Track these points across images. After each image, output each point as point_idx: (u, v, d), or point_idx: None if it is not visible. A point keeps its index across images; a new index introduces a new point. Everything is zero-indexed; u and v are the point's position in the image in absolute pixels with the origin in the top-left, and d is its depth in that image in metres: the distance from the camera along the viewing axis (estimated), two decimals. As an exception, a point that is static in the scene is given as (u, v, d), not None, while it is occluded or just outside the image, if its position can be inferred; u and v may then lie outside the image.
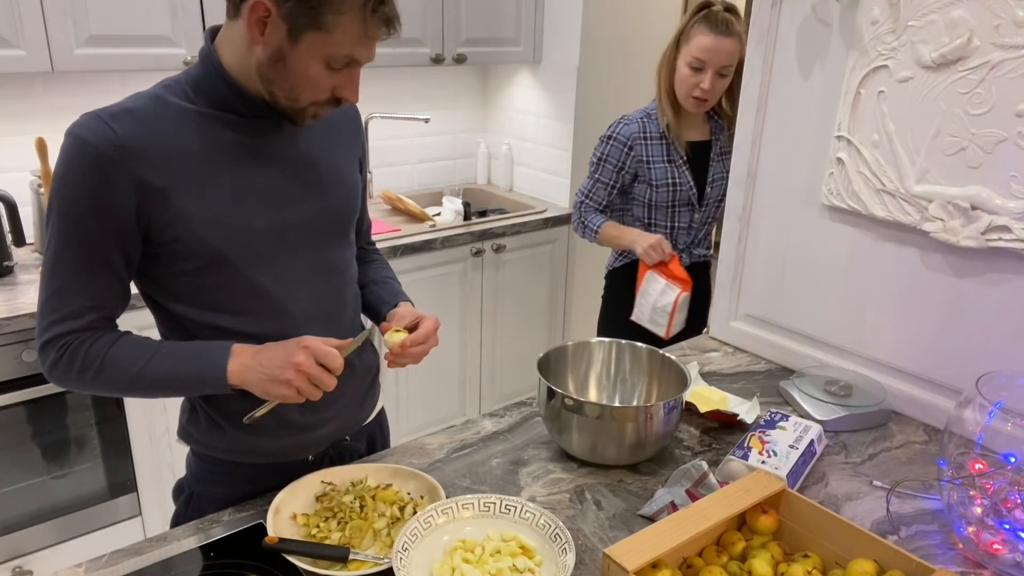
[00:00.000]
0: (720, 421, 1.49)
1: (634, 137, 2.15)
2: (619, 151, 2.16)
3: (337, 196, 1.19)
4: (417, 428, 2.91)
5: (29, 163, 2.33)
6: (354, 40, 1.00)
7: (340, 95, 1.07)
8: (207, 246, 1.06)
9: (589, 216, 2.25)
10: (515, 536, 1.09)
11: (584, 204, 2.26)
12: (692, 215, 2.21)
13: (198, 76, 1.07)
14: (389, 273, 1.40)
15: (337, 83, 1.05)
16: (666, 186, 2.16)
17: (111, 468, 2.17)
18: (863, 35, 1.48)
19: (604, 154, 2.19)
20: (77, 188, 1.01)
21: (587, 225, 2.25)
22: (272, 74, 1.03)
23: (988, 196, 1.35)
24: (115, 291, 1.09)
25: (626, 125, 2.17)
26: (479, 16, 2.90)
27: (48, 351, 1.07)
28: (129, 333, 1.12)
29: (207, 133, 1.06)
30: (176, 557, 1.09)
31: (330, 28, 0.98)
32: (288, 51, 1.00)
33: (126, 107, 1.03)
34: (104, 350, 1.07)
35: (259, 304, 1.13)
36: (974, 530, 1.12)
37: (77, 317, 1.06)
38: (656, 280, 2.13)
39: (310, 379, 1.05)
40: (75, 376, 1.08)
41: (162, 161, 1.03)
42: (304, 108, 1.07)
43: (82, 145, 1.00)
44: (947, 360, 1.49)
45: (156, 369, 1.08)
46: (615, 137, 2.17)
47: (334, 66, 1.02)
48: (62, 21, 2.05)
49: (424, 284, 2.76)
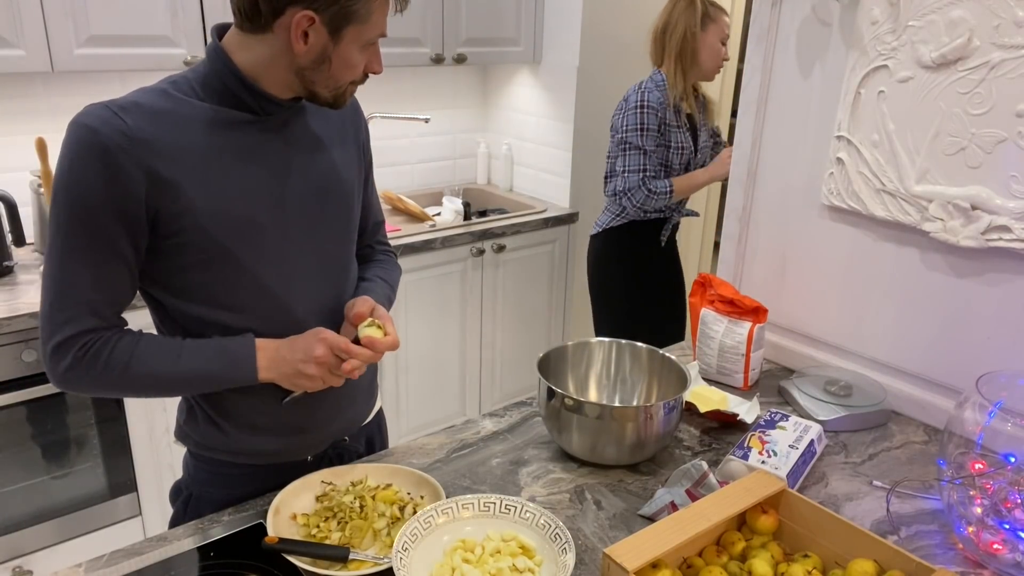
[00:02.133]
0: (720, 421, 1.49)
1: (661, 103, 2.39)
2: (654, 115, 2.37)
3: (339, 193, 1.20)
4: (417, 428, 2.91)
5: (29, 163, 2.33)
6: (384, 18, 1.07)
7: (370, 70, 1.12)
8: (212, 240, 1.06)
9: (654, 184, 2.40)
10: (515, 536, 1.09)
11: (643, 179, 2.40)
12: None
13: (206, 73, 1.07)
14: (383, 273, 1.36)
15: (367, 60, 1.10)
16: (679, 149, 2.44)
17: (111, 468, 2.17)
18: (863, 35, 1.48)
19: (642, 123, 2.37)
20: (86, 177, 0.99)
21: (656, 192, 2.40)
22: (315, 75, 1.07)
23: (988, 196, 1.35)
24: (126, 283, 1.07)
25: (650, 92, 2.38)
26: (479, 16, 2.90)
27: (63, 354, 1.04)
28: (145, 332, 1.11)
29: (214, 129, 1.06)
30: (176, 557, 1.09)
31: (365, 17, 1.04)
32: (332, 50, 1.05)
33: (134, 100, 1.03)
34: (131, 349, 1.07)
35: (260, 300, 1.13)
36: (974, 530, 1.12)
37: (91, 315, 1.05)
38: (715, 318, 1.66)
39: (331, 369, 1.11)
40: (96, 376, 1.06)
41: (170, 154, 1.02)
42: (342, 93, 1.11)
43: (91, 134, 0.98)
44: (947, 360, 1.49)
45: (186, 366, 1.08)
46: (647, 104, 2.37)
47: (367, 46, 1.08)
48: (62, 21, 2.05)
49: (424, 284, 2.76)
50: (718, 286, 1.67)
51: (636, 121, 2.38)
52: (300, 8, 0.99)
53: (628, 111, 2.39)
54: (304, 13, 1.00)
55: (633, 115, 2.38)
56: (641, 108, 2.37)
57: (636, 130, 2.38)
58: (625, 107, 2.42)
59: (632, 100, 2.40)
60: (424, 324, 2.82)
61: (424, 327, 2.82)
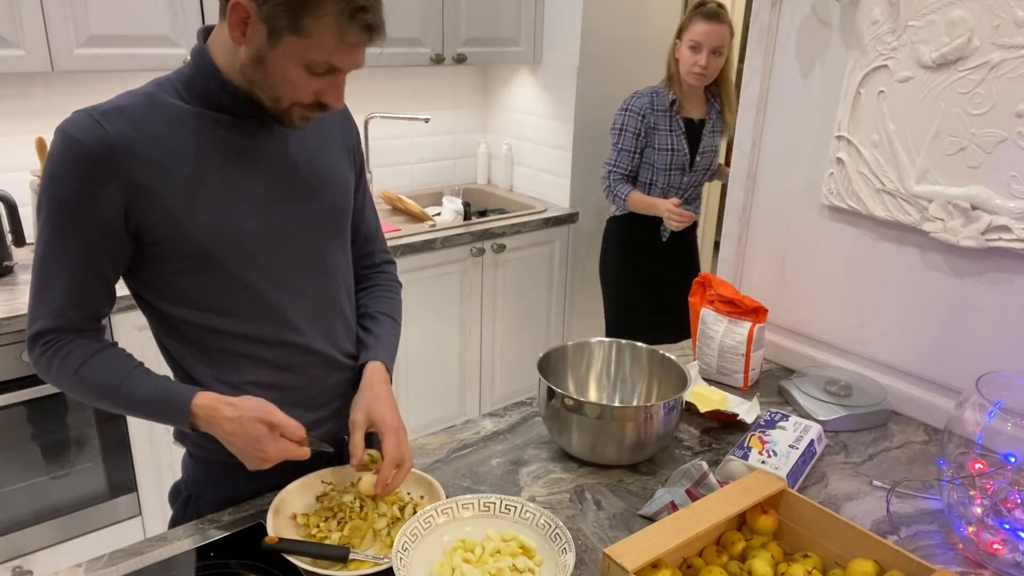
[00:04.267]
0: (720, 421, 1.49)
1: (645, 107, 2.61)
2: (635, 119, 2.61)
3: (329, 196, 1.18)
4: (417, 428, 2.91)
5: (29, 163, 2.33)
6: (332, 46, 0.98)
7: (323, 100, 1.05)
8: (197, 246, 1.06)
9: (618, 186, 2.66)
10: (515, 536, 1.09)
11: (612, 174, 2.67)
12: (683, 178, 2.69)
13: (190, 75, 1.07)
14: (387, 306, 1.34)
15: (320, 88, 1.03)
16: (666, 150, 2.63)
17: (111, 468, 2.17)
18: (863, 35, 1.48)
19: (623, 124, 2.63)
20: (65, 187, 1.00)
21: (616, 193, 2.66)
22: (254, 75, 1.02)
23: (988, 196, 1.35)
24: (98, 293, 1.08)
25: (638, 98, 2.63)
26: (479, 16, 2.90)
27: (34, 345, 1.08)
28: (114, 346, 1.11)
29: (198, 132, 1.06)
30: (176, 557, 1.09)
31: (308, 32, 0.96)
32: (267, 53, 0.99)
33: (117, 105, 1.03)
34: (84, 359, 1.07)
35: (250, 305, 1.12)
36: (974, 530, 1.12)
37: (60, 315, 1.06)
38: (715, 318, 1.66)
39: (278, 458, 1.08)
40: (53, 374, 1.09)
41: (152, 160, 1.02)
42: (288, 110, 1.05)
43: (72, 143, 0.99)
44: (947, 360, 1.49)
45: (126, 392, 1.08)
46: (630, 108, 2.63)
47: (315, 71, 1.01)
48: (62, 21, 2.05)
49: (424, 284, 2.76)
50: (718, 286, 1.67)
51: (618, 122, 2.66)
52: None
53: (617, 113, 2.67)
54: (241, 1, 0.96)
55: (618, 116, 2.66)
56: (624, 110, 2.65)
57: (616, 129, 2.66)
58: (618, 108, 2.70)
59: (623, 103, 2.67)
60: (424, 324, 2.82)
61: (424, 327, 2.82)
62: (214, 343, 1.13)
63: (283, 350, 1.16)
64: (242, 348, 1.14)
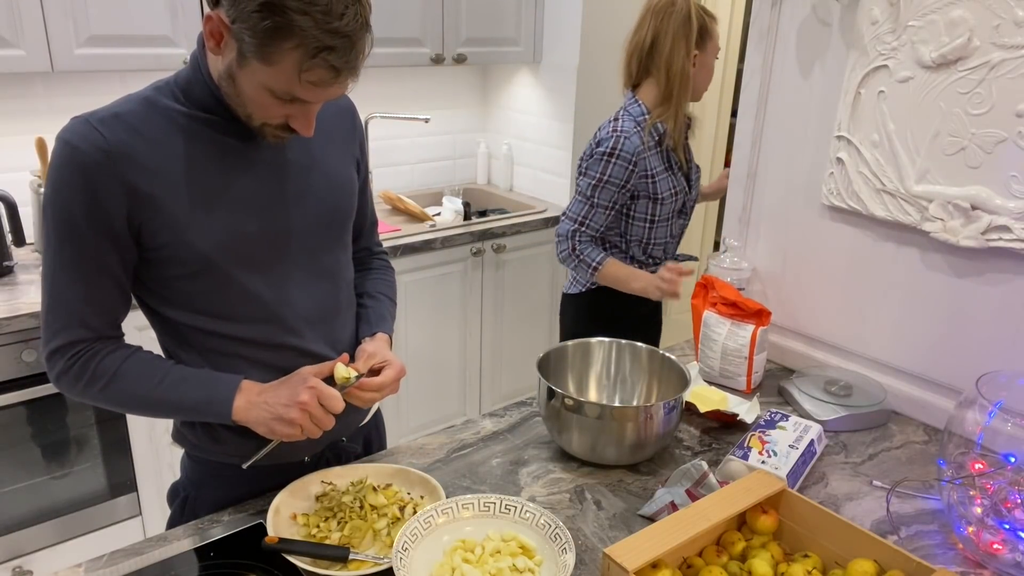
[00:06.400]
0: (720, 421, 1.49)
1: (638, 152, 1.94)
2: (623, 169, 1.94)
3: (330, 199, 1.18)
4: (417, 428, 2.91)
5: (29, 163, 2.33)
6: (293, 80, 0.96)
7: (292, 125, 1.04)
8: (197, 252, 1.06)
9: (586, 249, 2.00)
10: (515, 536, 1.09)
11: (578, 233, 2.01)
12: (682, 221, 2.13)
13: (188, 79, 1.06)
14: (384, 287, 1.37)
15: (288, 113, 1.02)
16: (672, 196, 2.01)
17: (111, 468, 2.17)
18: (863, 35, 1.48)
19: (605, 175, 1.94)
20: (69, 195, 1.01)
21: (582, 259, 2.00)
22: (227, 88, 1.02)
23: (988, 196, 1.35)
24: (116, 297, 1.08)
25: (627, 139, 1.93)
26: (479, 16, 2.90)
27: (56, 360, 1.07)
28: (140, 349, 1.12)
29: (197, 137, 1.06)
30: (176, 557, 1.09)
31: (271, 61, 0.95)
32: (236, 71, 0.98)
33: (115, 111, 1.03)
34: (115, 366, 1.08)
35: (252, 309, 1.12)
36: (974, 530, 1.12)
37: (82, 325, 1.06)
38: (718, 321, 1.64)
39: (312, 418, 1.08)
40: (82, 388, 1.08)
41: (151, 166, 1.02)
42: (260, 127, 1.04)
43: (71, 151, 0.99)
44: (947, 360, 1.49)
45: (165, 393, 1.08)
46: (619, 154, 1.93)
47: (280, 98, 0.99)
48: (62, 21, 2.05)
49: (424, 284, 2.76)
50: (720, 288, 1.66)
51: (598, 171, 1.95)
52: (221, 9, 0.96)
53: (596, 156, 1.96)
54: (218, 14, 0.96)
55: (598, 163, 1.95)
56: (610, 157, 1.93)
57: (595, 180, 1.96)
58: (594, 149, 1.98)
59: (605, 145, 1.94)
60: (424, 324, 2.82)
61: (424, 327, 2.82)
62: (214, 346, 1.13)
63: (283, 353, 1.16)
64: (242, 351, 1.14)
